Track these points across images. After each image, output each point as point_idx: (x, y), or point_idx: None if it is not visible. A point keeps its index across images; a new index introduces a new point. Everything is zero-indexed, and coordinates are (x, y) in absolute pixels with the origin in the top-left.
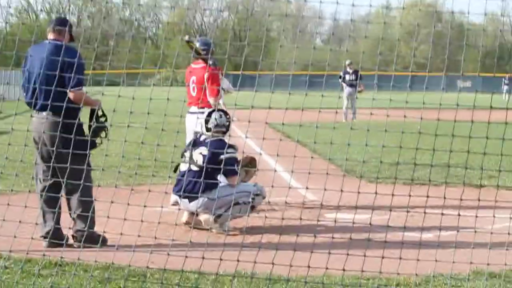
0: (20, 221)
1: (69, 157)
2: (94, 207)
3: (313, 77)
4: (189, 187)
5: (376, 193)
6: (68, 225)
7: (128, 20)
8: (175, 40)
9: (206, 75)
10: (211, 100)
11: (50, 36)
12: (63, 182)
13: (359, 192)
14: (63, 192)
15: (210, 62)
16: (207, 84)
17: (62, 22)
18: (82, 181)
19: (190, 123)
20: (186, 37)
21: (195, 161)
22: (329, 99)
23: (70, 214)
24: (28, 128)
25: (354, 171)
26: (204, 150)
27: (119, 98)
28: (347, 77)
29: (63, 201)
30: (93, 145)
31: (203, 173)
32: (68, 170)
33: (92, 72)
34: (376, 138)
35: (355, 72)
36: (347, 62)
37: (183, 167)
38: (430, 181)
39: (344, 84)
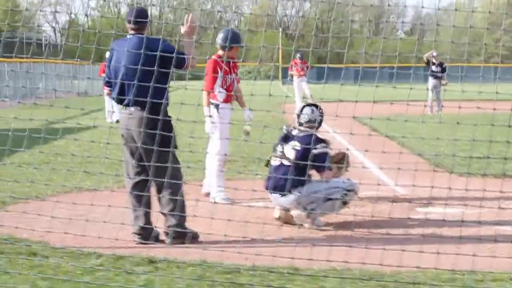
0: (104, 221)
1: (158, 153)
2: (184, 203)
3: (398, 69)
4: (281, 183)
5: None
6: (160, 221)
7: (210, 12)
8: (258, 32)
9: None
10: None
11: (131, 29)
12: (152, 178)
13: (450, 188)
14: (153, 189)
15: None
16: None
17: (142, 14)
18: (170, 177)
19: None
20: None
21: (287, 155)
22: (414, 91)
23: (160, 210)
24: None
25: (443, 165)
26: (296, 145)
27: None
28: (433, 68)
29: (153, 197)
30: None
31: (295, 168)
32: (156, 166)
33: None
34: (463, 131)
35: (440, 64)
36: (434, 53)
37: (274, 161)
38: None
39: (429, 77)
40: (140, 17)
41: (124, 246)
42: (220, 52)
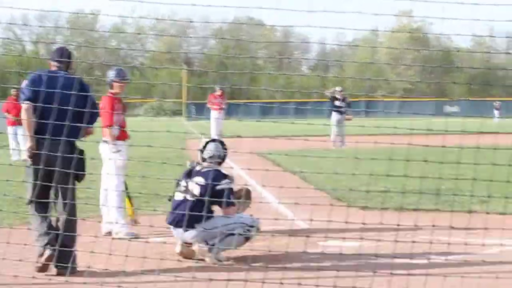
0: (3, 258)
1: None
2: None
3: (300, 104)
4: (184, 217)
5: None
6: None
7: (115, 49)
8: (162, 70)
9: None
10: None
11: (56, 67)
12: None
13: (346, 222)
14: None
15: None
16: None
17: (70, 53)
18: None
19: (101, 152)
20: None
21: (191, 191)
22: (317, 126)
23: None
24: None
25: (343, 198)
26: (200, 180)
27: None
28: (337, 103)
29: None
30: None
31: (199, 203)
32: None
33: None
34: (365, 165)
35: (344, 99)
36: (338, 88)
37: (178, 196)
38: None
39: (333, 111)
40: (68, 56)
41: (26, 282)
42: (114, 89)
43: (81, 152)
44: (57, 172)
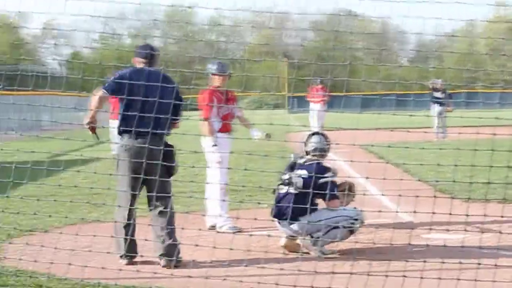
0: (108, 252)
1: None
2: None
3: (400, 96)
4: (288, 211)
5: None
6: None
7: (214, 43)
8: (262, 62)
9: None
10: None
11: (143, 64)
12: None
13: (450, 214)
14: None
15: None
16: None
17: (154, 49)
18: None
19: (203, 146)
20: None
21: (295, 183)
22: (418, 118)
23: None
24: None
25: (446, 191)
26: (303, 173)
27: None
28: (438, 95)
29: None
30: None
31: (302, 196)
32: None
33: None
34: (466, 156)
35: (445, 90)
36: (438, 80)
37: (281, 190)
38: None
39: (433, 103)
40: (154, 52)
41: (128, 276)
42: (214, 83)
43: (170, 146)
44: (149, 167)
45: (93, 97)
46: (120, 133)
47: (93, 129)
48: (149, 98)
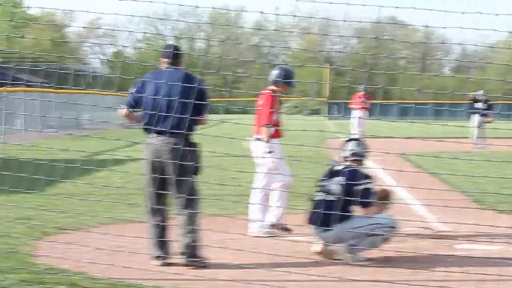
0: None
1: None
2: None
3: (442, 105)
4: (325, 217)
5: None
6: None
7: (257, 46)
8: (305, 67)
9: (260, 101)
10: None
11: (167, 64)
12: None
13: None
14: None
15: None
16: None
17: (178, 49)
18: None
19: (253, 150)
20: None
21: (332, 190)
22: (457, 128)
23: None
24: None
25: (486, 202)
26: (340, 179)
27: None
28: (479, 105)
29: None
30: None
31: (339, 203)
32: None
33: (223, 100)
34: (504, 169)
35: (486, 101)
36: (480, 91)
37: (318, 196)
38: None
39: (475, 114)
40: (175, 53)
41: (167, 278)
42: (275, 88)
43: (195, 145)
44: (172, 166)
45: (122, 116)
46: (144, 131)
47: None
48: (170, 97)
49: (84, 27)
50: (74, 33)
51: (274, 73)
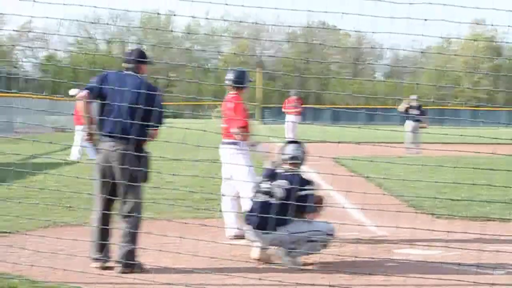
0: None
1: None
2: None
3: (373, 110)
4: (266, 220)
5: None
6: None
7: (188, 51)
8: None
9: (231, 105)
10: (233, 130)
11: (128, 68)
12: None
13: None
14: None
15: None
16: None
17: (142, 55)
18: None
19: (223, 155)
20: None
21: (274, 194)
22: (391, 132)
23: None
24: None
25: (423, 207)
26: (283, 183)
27: (186, 130)
28: (413, 111)
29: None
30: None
31: (281, 207)
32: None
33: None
34: (439, 173)
35: (419, 107)
36: (413, 96)
37: (259, 198)
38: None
39: (407, 119)
40: (141, 58)
41: (106, 282)
42: (240, 90)
43: (145, 152)
44: (120, 172)
45: (78, 103)
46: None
47: (92, 139)
48: (123, 102)
49: (14, 30)
50: (5, 36)
51: (236, 75)
